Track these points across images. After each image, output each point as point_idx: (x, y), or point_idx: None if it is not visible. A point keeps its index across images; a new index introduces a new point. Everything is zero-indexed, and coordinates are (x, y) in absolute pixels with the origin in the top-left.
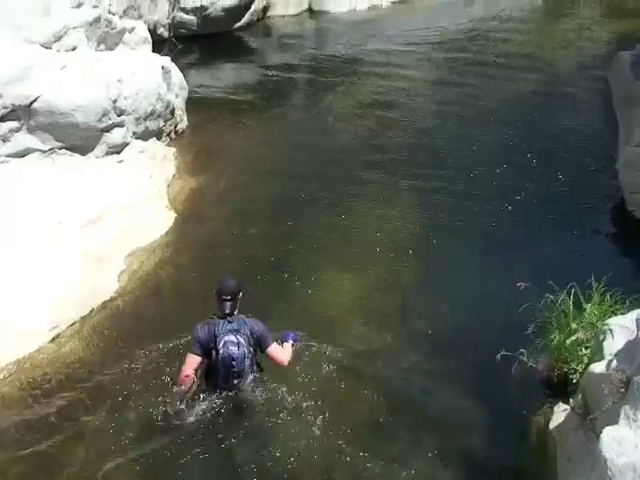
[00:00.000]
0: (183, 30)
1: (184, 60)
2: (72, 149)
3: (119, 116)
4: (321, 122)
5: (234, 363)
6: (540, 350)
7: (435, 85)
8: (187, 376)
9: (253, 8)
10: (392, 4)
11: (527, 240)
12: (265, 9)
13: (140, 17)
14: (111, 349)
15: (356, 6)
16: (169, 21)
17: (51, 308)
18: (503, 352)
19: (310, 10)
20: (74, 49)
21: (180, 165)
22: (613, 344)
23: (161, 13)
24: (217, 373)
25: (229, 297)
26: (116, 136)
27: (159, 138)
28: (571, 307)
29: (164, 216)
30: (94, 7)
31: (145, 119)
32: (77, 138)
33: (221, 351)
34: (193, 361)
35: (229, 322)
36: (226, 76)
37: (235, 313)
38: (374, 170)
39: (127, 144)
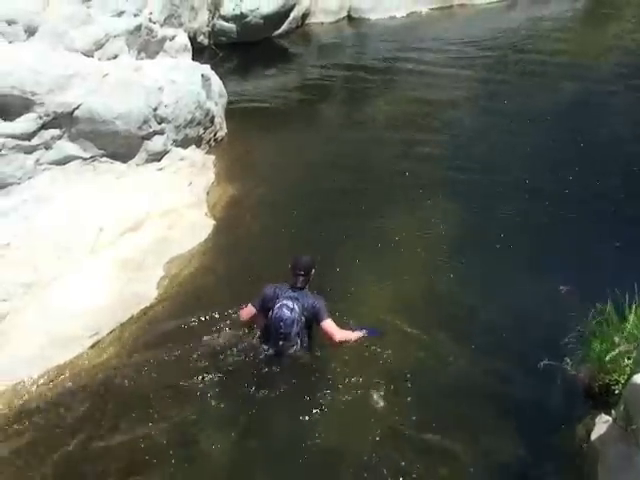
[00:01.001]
0: (223, 38)
1: (223, 67)
2: (113, 156)
3: (159, 124)
4: (361, 128)
5: (282, 324)
6: (582, 359)
7: (476, 91)
8: (241, 321)
9: (292, 16)
10: (431, 10)
11: (570, 248)
12: (304, 17)
13: (180, 25)
14: (150, 355)
15: (395, 13)
16: (209, 29)
17: (91, 315)
18: (545, 361)
19: (349, 17)
20: (115, 57)
21: (219, 172)
22: None
23: (201, 21)
24: (269, 333)
25: (302, 272)
26: (156, 144)
27: (198, 145)
28: (614, 317)
29: (203, 223)
30: (135, 16)
31: (185, 127)
32: (118, 146)
33: (275, 311)
34: (249, 311)
35: (293, 291)
36: (265, 83)
37: (306, 288)
38: (414, 177)
39: (167, 152)
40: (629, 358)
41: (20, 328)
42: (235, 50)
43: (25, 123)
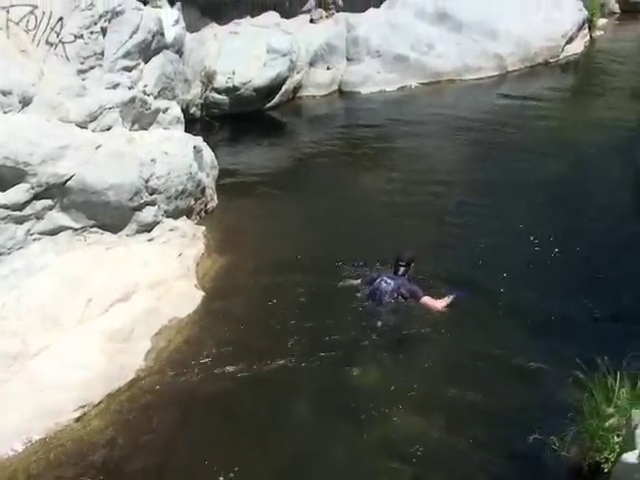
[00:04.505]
0: (215, 109)
1: (215, 139)
2: (103, 227)
3: (151, 195)
4: (351, 201)
5: (377, 292)
6: (571, 436)
7: (464, 164)
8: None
9: (284, 89)
10: (421, 85)
11: (557, 319)
12: (296, 90)
13: (174, 97)
14: (136, 428)
15: (385, 87)
16: (201, 101)
17: (77, 387)
18: (535, 437)
19: (340, 91)
20: (109, 129)
21: (209, 244)
22: None
23: (194, 93)
24: (371, 297)
25: (404, 263)
26: (147, 215)
27: (189, 216)
28: (601, 390)
29: (192, 295)
30: (130, 88)
31: (176, 198)
32: (109, 216)
33: (375, 284)
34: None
35: (394, 274)
36: (256, 155)
37: (405, 276)
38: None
39: (158, 222)
40: (619, 436)
41: (6, 399)
42: (227, 122)
43: (17, 193)
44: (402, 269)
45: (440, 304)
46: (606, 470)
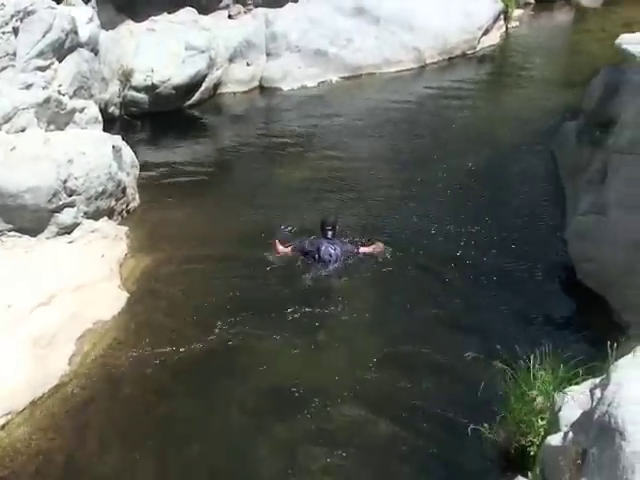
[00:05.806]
0: (134, 108)
1: (135, 138)
2: (21, 230)
3: (69, 196)
4: (274, 194)
5: (329, 258)
6: (499, 421)
7: (385, 156)
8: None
9: (204, 86)
10: (341, 79)
11: (478, 310)
12: (216, 86)
13: (91, 97)
14: (62, 434)
15: (306, 82)
16: (120, 100)
17: (0, 395)
18: (463, 422)
19: (261, 87)
20: (23, 130)
21: (132, 244)
22: (569, 415)
23: (112, 92)
24: (318, 261)
25: (330, 227)
26: (66, 216)
27: (110, 217)
28: (525, 375)
29: (116, 296)
30: (44, 88)
31: (96, 199)
32: (27, 220)
33: (322, 251)
34: (284, 251)
35: (329, 240)
36: (178, 153)
37: (334, 238)
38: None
39: (78, 224)
40: (542, 419)
41: None
42: (147, 120)
43: None
44: (330, 232)
45: (375, 249)
46: (532, 453)
